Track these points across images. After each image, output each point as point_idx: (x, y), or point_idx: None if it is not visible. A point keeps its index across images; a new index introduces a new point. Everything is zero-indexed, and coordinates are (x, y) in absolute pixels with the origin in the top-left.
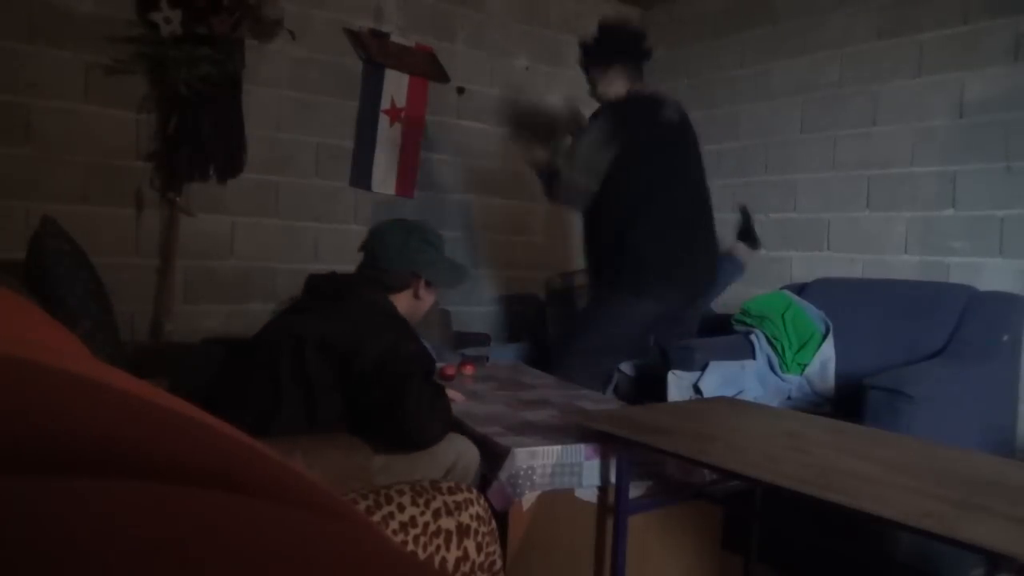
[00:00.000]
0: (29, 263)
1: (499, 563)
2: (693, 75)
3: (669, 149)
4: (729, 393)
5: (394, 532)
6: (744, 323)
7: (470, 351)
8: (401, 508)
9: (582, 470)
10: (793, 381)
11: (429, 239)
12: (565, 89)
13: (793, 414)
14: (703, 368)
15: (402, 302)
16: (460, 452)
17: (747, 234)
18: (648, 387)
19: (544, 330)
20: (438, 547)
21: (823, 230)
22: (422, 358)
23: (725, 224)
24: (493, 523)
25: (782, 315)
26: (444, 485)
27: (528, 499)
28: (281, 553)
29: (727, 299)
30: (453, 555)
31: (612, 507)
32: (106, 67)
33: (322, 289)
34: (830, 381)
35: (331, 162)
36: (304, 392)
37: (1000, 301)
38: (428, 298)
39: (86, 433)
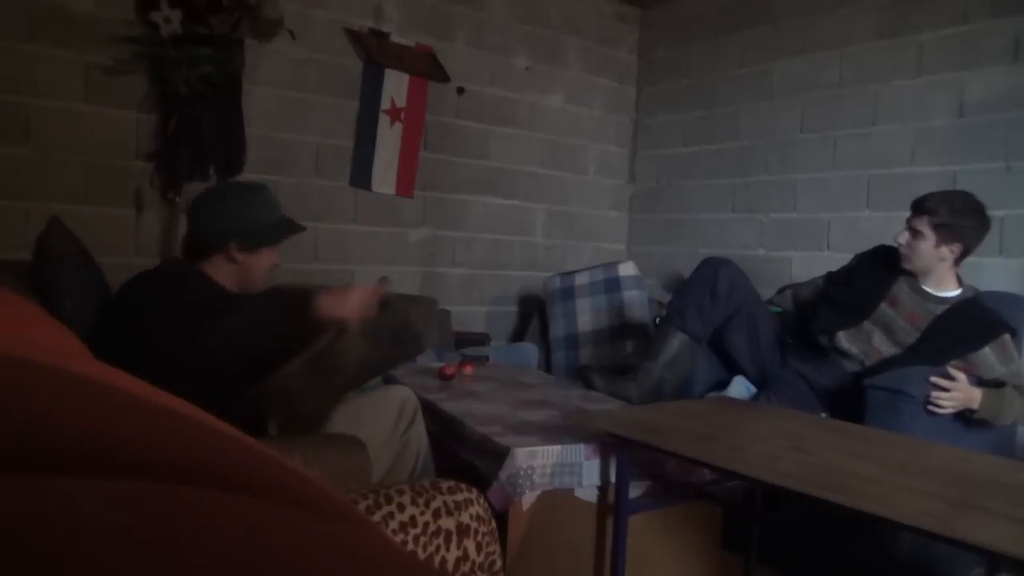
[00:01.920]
0: (33, 263)
1: (499, 563)
2: (693, 75)
3: None
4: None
5: (394, 532)
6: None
7: (470, 351)
8: (401, 508)
9: (582, 470)
10: None
11: (240, 198)
12: (565, 89)
13: (793, 414)
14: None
15: (216, 268)
16: (402, 397)
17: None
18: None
19: (545, 330)
20: (438, 547)
21: (823, 230)
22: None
23: (727, 223)
24: (493, 523)
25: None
26: (444, 485)
27: (528, 499)
28: (281, 553)
29: None
30: (453, 555)
31: (612, 507)
32: (106, 67)
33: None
34: None
35: (331, 162)
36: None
37: (1000, 301)
38: (251, 260)
39: (86, 433)
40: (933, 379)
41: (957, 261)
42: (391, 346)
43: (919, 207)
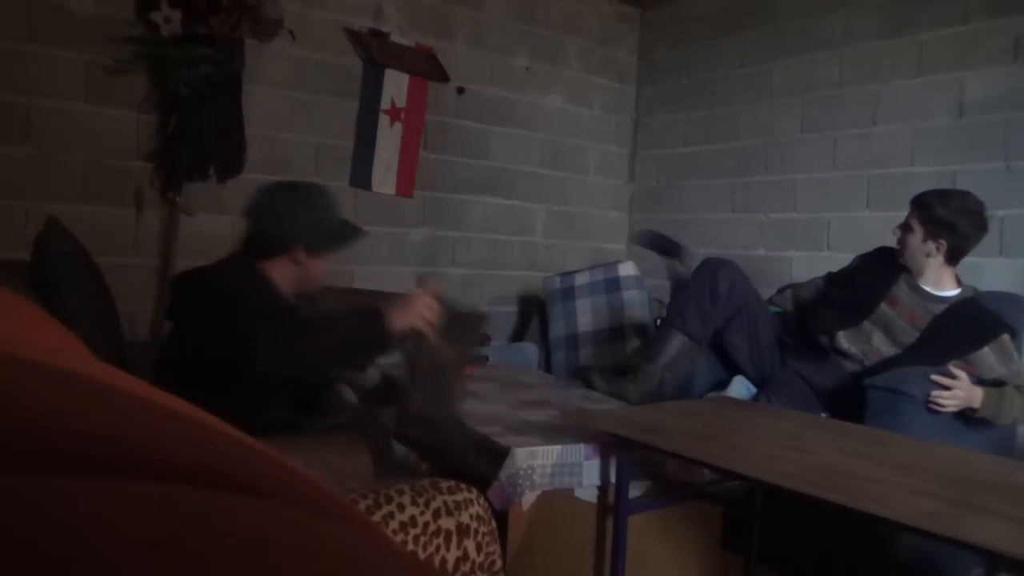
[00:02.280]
0: (33, 263)
1: (499, 563)
2: (693, 75)
3: None
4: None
5: (394, 532)
6: None
7: None
8: (401, 508)
9: (582, 470)
10: None
11: (307, 201)
12: (565, 89)
13: (793, 414)
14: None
15: (278, 269)
16: None
17: (667, 250)
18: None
19: (545, 330)
20: (438, 547)
21: (823, 230)
22: (248, 298)
23: (727, 223)
24: (493, 523)
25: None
26: (444, 485)
27: (528, 499)
28: (281, 553)
29: None
30: (453, 555)
31: (612, 507)
32: (106, 67)
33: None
34: None
35: (331, 162)
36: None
37: (999, 300)
38: (313, 264)
39: (86, 433)
40: (935, 378)
41: (949, 259)
42: (465, 334)
43: (914, 201)
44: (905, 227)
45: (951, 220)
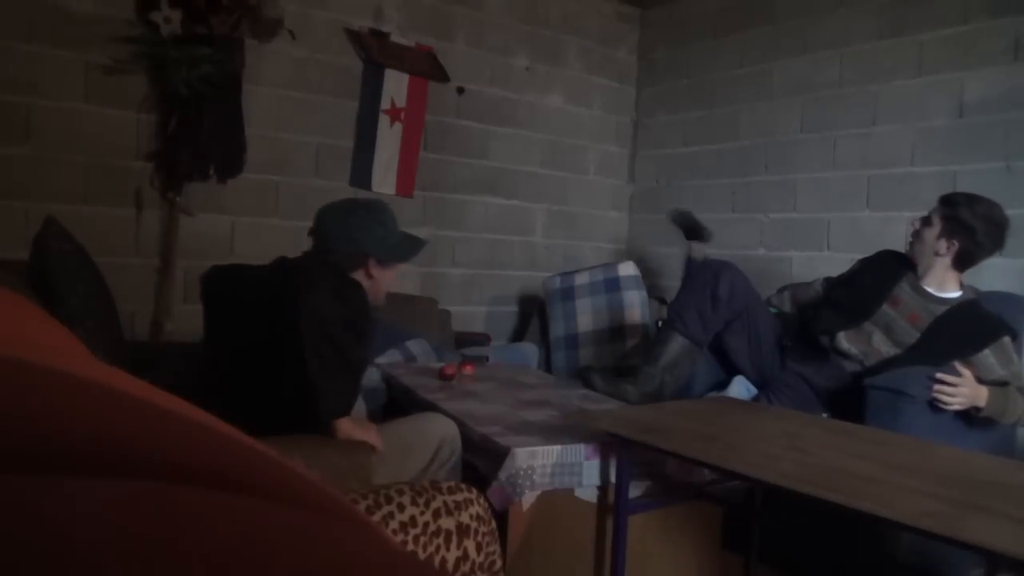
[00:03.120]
0: (32, 263)
1: (499, 563)
2: (693, 75)
3: None
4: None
5: (394, 532)
6: None
7: (470, 351)
8: (401, 508)
9: (582, 470)
10: None
11: (376, 215)
12: (565, 89)
13: (793, 414)
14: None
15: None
16: (444, 431)
17: (695, 232)
18: None
19: (545, 330)
20: (438, 547)
21: (823, 230)
22: (349, 322)
23: (727, 223)
24: (493, 523)
25: None
26: (444, 485)
27: (528, 499)
28: (281, 553)
29: None
30: (453, 555)
31: (612, 507)
32: (106, 67)
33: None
34: None
35: (331, 162)
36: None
37: (1000, 301)
38: (384, 276)
39: (86, 433)
40: (941, 376)
41: (957, 264)
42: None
43: (943, 198)
44: (926, 220)
45: (972, 224)
